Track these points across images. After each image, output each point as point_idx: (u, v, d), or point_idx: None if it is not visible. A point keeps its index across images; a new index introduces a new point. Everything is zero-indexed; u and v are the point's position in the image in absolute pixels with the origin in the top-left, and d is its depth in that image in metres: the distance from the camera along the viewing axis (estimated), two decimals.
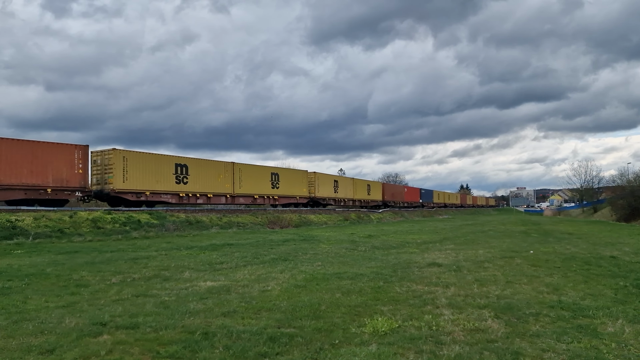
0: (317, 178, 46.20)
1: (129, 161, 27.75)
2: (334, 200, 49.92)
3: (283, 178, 41.19)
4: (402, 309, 6.83)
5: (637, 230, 32.12)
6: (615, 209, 50.37)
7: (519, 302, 7.20)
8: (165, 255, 15.09)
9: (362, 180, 59.50)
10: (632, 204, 46.36)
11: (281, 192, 40.83)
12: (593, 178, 74.80)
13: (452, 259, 13.62)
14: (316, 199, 45.89)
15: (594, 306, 6.88)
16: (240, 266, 12.44)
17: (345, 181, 53.70)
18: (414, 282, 9.17)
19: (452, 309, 6.73)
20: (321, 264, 12.56)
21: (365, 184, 58.91)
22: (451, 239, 23.87)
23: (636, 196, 46.22)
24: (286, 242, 20.58)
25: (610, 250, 15.92)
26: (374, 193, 59.95)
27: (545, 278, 9.58)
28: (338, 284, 9.05)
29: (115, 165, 26.82)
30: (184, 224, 28.07)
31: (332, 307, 6.92)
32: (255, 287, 8.75)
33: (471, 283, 8.95)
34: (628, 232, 29.46)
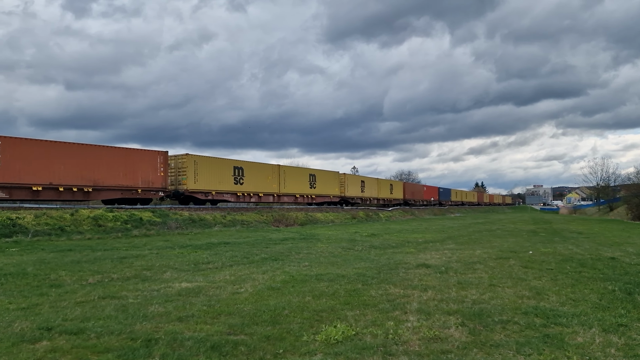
0: (346, 179, 50.03)
1: (199, 165, 31.59)
2: (360, 199, 53.33)
3: (319, 179, 44.86)
4: (369, 315, 6.53)
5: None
6: (631, 207, 49.21)
7: (494, 307, 6.86)
8: (157, 254, 14.96)
9: (385, 180, 64.24)
10: None
11: (317, 192, 44.56)
12: (610, 176, 73.48)
13: (445, 259, 13.26)
14: (346, 198, 49.67)
15: (571, 313, 6.52)
16: (227, 266, 12.25)
17: (371, 181, 56.75)
18: (394, 285, 8.86)
19: (420, 315, 6.42)
20: (309, 265, 12.30)
21: (388, 183, 62.74)
22: (454, 238, 23.46)
23: None
24: (284, 241, 20.37)
25: (613, 251, 15.40)
26: (396, 192, 63.03)
27: (532, 281, 9.20)
28: (314, 286, 8.78)
29: (188, 169, 30.79)
30: (187, 222, 28.02)
31: (295, 311, 6.66)
32: (228, 289, 8.52)
33: (452, 286, 8.61)
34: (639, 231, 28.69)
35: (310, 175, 43.88)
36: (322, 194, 45.25)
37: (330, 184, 46.68)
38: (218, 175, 33.17)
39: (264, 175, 37.74)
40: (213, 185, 32.77)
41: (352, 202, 51.45)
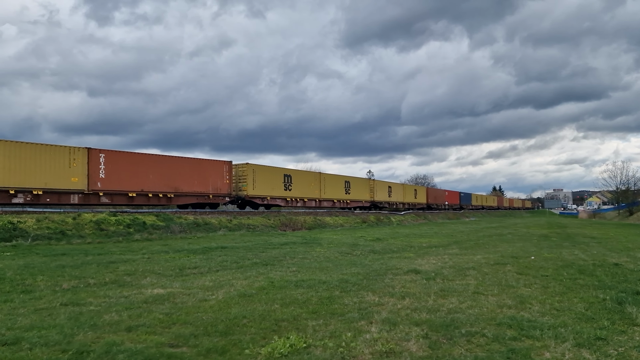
0: (375, 185, 53.83)
1: (256, 173, 35.32)
2: (388, 203, 56.65)
3: (353, 185, 48.85)
4: (331, 324, 6.14)
5: None
6: None
7: (467, 317, 6.41)
8: (148, 258, 14.75)
9: (410, 185, 69.09)
10: None
11: (352, 197, 48.37)
12: (629, 179, 71.53)
13: (440, 265, 12.77)
14: (375, 202, 52.97)
15: (549, 324, 6.03)
16: (212, 271, 11.96)
17: (397, 187, 60.19)
18: (373, 292, 8.45)
19: (384, 326, 6.00)
20: (296, 270, 11.94)
21: (413, 188, 66.10)
22: (460, 242, 22.88)
23: None
24: (284, 245, 20.03)
25: (620, 257, 14.72)
26: (420, 197, 66.10)
27: (521, 289, 8.69)
28: (289, 293, 8.41)
29: (247, 177, 34.55)
30: (191, 226, 27.87)
31: (255, 321, 6.30)
32: (199, 295, 8.19)
33: (433, 294, 8.16)
34: None
35: (345, 182, 47.75)
36: (356, 199, 49.08)
37: (362, 190, 50.37)
38: (271, 182, 36.89)
39: (308, 182, 41.32)
40: (267, 191, 36.58)
41: (381, 206, 54.49)
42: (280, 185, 37.89)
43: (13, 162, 22.86)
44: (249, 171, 34.63)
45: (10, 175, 22.84)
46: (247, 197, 34.87)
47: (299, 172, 41.36)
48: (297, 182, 39.60)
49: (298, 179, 39.93)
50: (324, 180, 43.42)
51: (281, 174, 38.54)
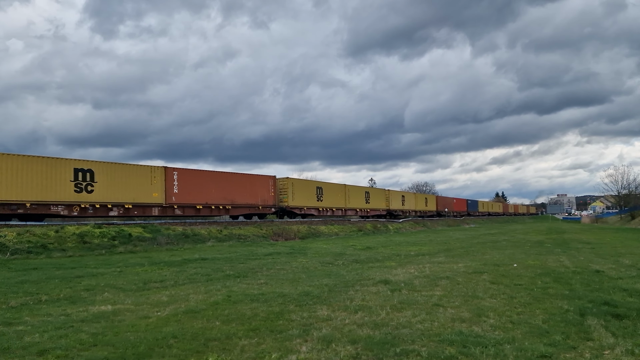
0: (390, 194, 57.70)
1: (294, 186, 39.36)
2: (401, 211, 59.88)
3: (372, 195, 53.03)
4: (264, 344, 5.72)
5: None
6: None
7: (413, 333, 5.97)
8: (119, 272, 14.36)
9: (422, 194, 73.07)
10: None
11: (371, 206, 52.22)
12: (630, 184, 70.58)
13: (416, 274, 12.32)
14: (390, 210, 56.94)
15: (497, 340, 5.59)
16: (178, 285, 11.56)
17: (409, 196, 64.51)
18: (328, 306, 8.02)
19: (318, 344, 5.58)
20: (264, 282, 11.52)
21: (424, 197, 69.94)
22: (451, 250, 22.39)
23: None
24: (267, 256, 19.62)
25: (605, 264, 14.21)
26: (430, 204, 69.43)
27: (486, 300, 8.24)
28: (240, 308, 7.99)
29: (287, 189, 38.31)
30: (179, 237, 27.48)
31: (184, 341, 5.88)
32: (143, 312, 7.79)
33: (390, 307, 7.72)
34: None
35: (366, 192, 52.19)
36: (374, 208, 53.04)
37: (379, 200, 54.35)
38: (306, 194, 40.89)
39: (335, 193, 45.48)
40: (304, 202, 40.49)
41: (395, 214, 58.12)
42: (313, 197, 41.89)
43: (111, 180, 26.58)
44: (288, 184, 38.51)
45: (109, 192, 26.55)
46: (288, 208, 38.76)
47: (328, 185, 45.91)
48: (327, 194, 43.94)
49: (328, 191, 44.31)
50: (348, 191, 47.85)
51: (314, 186, 43.05)
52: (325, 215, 44.44)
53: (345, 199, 46.81)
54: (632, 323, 6.34)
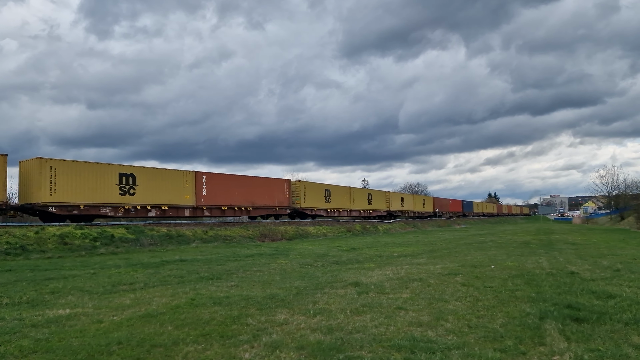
0: (390, 196, 60.80)
1: (306, 188, 42.54)
2: (400, 212, 62.91)
3: (374, 197, 56.09)
4: (210, 350, 5.55)
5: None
6: (639, 216, 47.05)
7: (365, 338, 5.83)
8: (92, 274, 14.14)
9: (419, 195, 76.73)
10: None
11: (373, 207, 55.44)
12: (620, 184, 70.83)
13: (391, 276, 12.19)
14: (391, 211, 59.74)
15: (447, 345, 5.45)
16: (147, 287, 11.36)
17: (408, 197, 67.75)
18: (289, 309, 7.86)
19: (264, 350, 5.42)
20: (235, 284, 11.36)
21: (421, 198, 72.85)
22: (434, 251, 22.29)
23: None
24: (248, 257, 19.44)
25: (582, 265, 14.13)
26: (427, 205, 72.42)
27: (450, 303, 8.10)
28: (200, 312, 7.81)
29: (300, 192, 41.36)
30: (163, 238, 27.24)
31: (127, 347, 5.70)
32: (99, 317, 7.60)
33: (350, 310, 7.58)
34: (637, 241, 27.10)
35: (368, 194, 55.16)
36: (376, 209, 56.06)
37: (380, 201, 57.39)
38: (316, 196, 43.92)
39: (341, 195, 48.59)
40: (314, 203, 43.70)
41: (395, 215, 60.99)
42: (322, 199, 44.98)
43: (150, 184, 29.01)
44: (300, 187, 41.58)
45: (148, 195, 28.88)
46: (300, 209, 41.58)
47: (334, 187, 48.45)
48: (334, 196, 47.00)
49: (335, 193, 47.43)
50: (352, 193, 51.09)
51: (323, 189, 46.03)
52: (332, 216, 47.44)
53: (350, 200, 50.06)
54: (590, 327, 6.22)
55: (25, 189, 25.20)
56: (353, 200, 50.52)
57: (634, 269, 12.68)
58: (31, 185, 24.82)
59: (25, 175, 25.24)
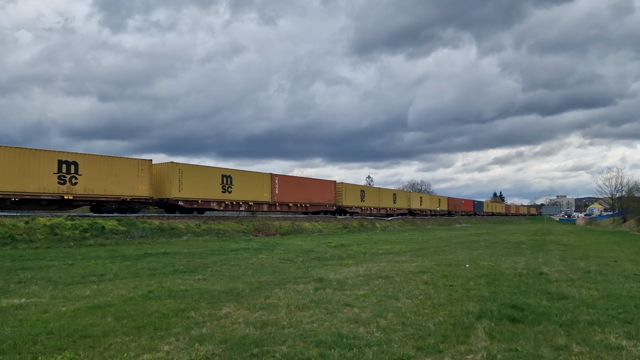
0: (411, 196, 66.63)
1: (346, 189, 48.87)
2: (420, 210, 67.53)
3: (398, 197, 61.70)
4: (135, 341, 5.61)
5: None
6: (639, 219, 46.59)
7: (292, 333, 5.85)
8: (70, 265, 14.29)
9: (435, 196, 79.88)
10: None
11: (397, 206, 60.53)
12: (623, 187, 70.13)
13: (360, 273, 12.21)
14: (411, 209, 64.52)
15: (370, 341, 5.44)
16: (117, 279, 11.46)
17: (426, 197, 73.87)
18: (237, 303, 7.92)
19: (186, 343, 5.47)
20: (203, 278, 11.43)
21: (437, 198, 76.76)
22: (422, 249, 22.29)
23: None
24: (232, 252, 19.55)
25: (557, 266, 14.06)
26: (442, 205, 76.53)
27: (400, 301, 8.10)
28: (150, 304, 7.87)
29: (342, 191, 47.67)
30: (155, 230, 27.40)
31: (56, 338, 5.76)
32: (46, 307, 7.69)
33: (295, 306, 7.61)
34: (630, 244, 26.88)
35: (394, 194, 61.00)
36: (399, 207, 60.99)
37: (402, 200, 62.53)
38: (354, 195, 50.44)
39: (372, 195, 55.01)
40: (352, 202, 49.84)
41: (415, 213, 65.66)
42: (358, 198, 51.21)
43: (241, 184, 35.38)
44: (342, 188, 47.98)
45: (240, 193, 35.24)
46: (342, 207, 47.76)
47: (367, 188, 57.22)
48: (367, 195, 53.42)
49: (368, 193, 54.07)
50: (381, 193, 57.05)
51: (358, 189, 52.48)
52: (365, 213, 53.00)
53: (379, 199, 55.64)
54: (523, 327, 6.20)
55: (158, 187, 30.43)
56: (382, 200, 56.14)
57: (606, 271, 12.60)
58: (163, 184, 30.45)
59: (158, 176, 30.44)
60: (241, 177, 35.54)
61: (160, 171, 30.56)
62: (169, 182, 30.23)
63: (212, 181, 33.14)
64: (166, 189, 30.39)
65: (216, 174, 33.63)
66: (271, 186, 38.00)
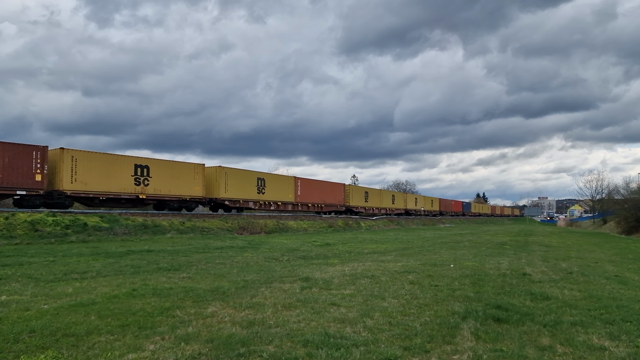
0: (407, 197, 72.53)
1: (353, 190, 54.19)
2: (414, 211, 72.72)
3: (396, 197, 67.13)
4: (120, 340, 5.53)
5: (623, 244, 29.84)
6: (619, 221, 47.36)
7: (279, 332, 5.83)
8: (51, 261, 14.07)
9: (429, 197, 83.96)
10: (635, 216, 43.39)
11: (396, 206, 65.60)
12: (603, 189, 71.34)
13: (345, 272, 12.21)
14: (407, 209, 70.09)
15: (357, 341, 5.44)
16: (100, 276, 11.31)
17: (421, 198, 79.38)
18: (223, 302, 7.86)
19: (171, 342, 5.41)
20: (188, 276, 11.34)
21: (430, 199, 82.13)
22: (407, 249, 22.37)
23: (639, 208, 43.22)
24: (218, 250, 19.42)
25: (541, 266, 14.24)
26: (435, 205, 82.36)
27: (386, 300, 8.12)
28: (134, 303, 7.78)
29: (349, 193, 52.80)
30: (138, 227, 27.11)
31: (39, 336, 5.67)
32: (28, 305, 7.55)
33: (281, 305, 7.58)
34: (610, 245, 27.32)
35: (392, 195, 66.80)
36: (398, 208, 66.80)
37: (400, 201, 68.09)
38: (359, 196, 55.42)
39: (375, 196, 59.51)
40: (358, 202, 54.81)
41: (411, 213, 70.75)
42: (362, 199, 56.00)
43: (272, 186, 40.15)
44: (349, 189, 53.19)
45: (271, 194, 39.98)
46: (350, 207, 52.45)
47: (370, 189, 60.19)
48: (371, 197, 58.07)
49: (371, 195, 58.56)
50: (382, 195, 62.52)
51: (363, 191, 57.43)
52: (368, 213, 57.57)
53: (380, 200, 60.49)
54: (508, 327, 6.26)
55: (208, 188, 34.59)
56: (382, 200, 61.07)
57: (587, 272, 12.79)
58: (212, 185, 34.89)
59: (208, 178, 34.55)
60: (272, 180, 40.56)
61: (210, 174, 34.77)
62: (217, 183, 34.85)
63: (250, 183, 37.97)
64: (214, 189, 34.91)
65: (253, 177, 38.58)
66: (294, 188, 42.92)
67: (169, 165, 31.53)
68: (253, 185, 38.31)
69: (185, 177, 32.28)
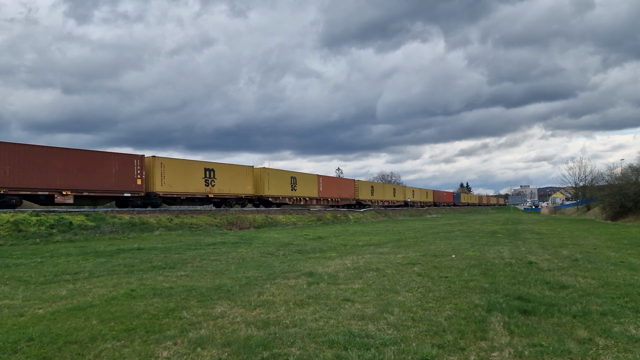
0: (405, 189, 78.11)
1: (361, 185, 59.16)
2: (412, 202, 77.25)
3: (397, 190, 73.39)
4: (129, 347, 5.10)
5: (612, 229, 30.03)
6: (604, 207, 47.87)
7: (299, 332, 5.44)
8: (39, 262, 13.49)
9: (424, 189, 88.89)
10: (620, 202, 43.87)
11: (396, 198, 70.92)
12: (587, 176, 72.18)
13: (349, 266, 11.85)
14: (406, 201, 74.24)
15: (385, 340, 5.09)
16: (93, 277, 10.80)
17: (417, 190, 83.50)
18: (231, 301, 7.45)
19: (187, 347, 4.99)
20: (186, 274, 10.88)
21: (425, 191, 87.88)
22: (400, 240, 22.12)
23: (623, 194, 43.68)
24: (210, 246, 18.94)
25: (543, 255, 14.05)
26: (429, 197, 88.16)
27: (400, 294, 7.78)
28: (136, 304, 7.32)
29: (358, 187, 57.86)
30: (125, 225, 26.42)
31: (39, 344, 5.20)
32: (24, 309, 7.05)
33: (293, 302, 7.20)
34: (600, 231, 27.43)
35: (393, 189, 72.14)
36: (398, 200, 71.44)
37: (400, 193, 73.42)
38: (366, 190, 60.50)
39: (380, 189, 65.95)
40: (365, 196, 59.73)
41: (406, 205, 74.37)
42: (369, 192, 61.33)
43: (302, 183, 45.18)
44: (358, 184, 58.42)
45: (302, 190, 45.28)
46: (359, 200, 57.53)
47: (375, 184, 67.43)
48: (376, 190, 63.83)
49: (375, 188, 64.43)
50: (384, 188, 68.31)
51: (369, 185, 63.10)
52: (375, 205, 62.49)
53: (383, 193, 65.99)
54: (537, 320, 5.97)
55: (256, 186, 39.51)
56: (385, 193, 66.49)
57: (592, 259, 12.63)
58: (258, 184, 39.62)
59: (255, 178, 39.27)
60: (301, 178, 45.49)
61: (258, 174, 39.73)
62: (262, 183, 39.85)
63: (285, 181, 43.04)
64: (260, 188, 39.85)
65: (287, 176, 43.71)
66: (318, 185, 48.31)
67: (228, 168, 36.50)
68: (287, 183, 43.29)
69: (240, 177, 37.45)
